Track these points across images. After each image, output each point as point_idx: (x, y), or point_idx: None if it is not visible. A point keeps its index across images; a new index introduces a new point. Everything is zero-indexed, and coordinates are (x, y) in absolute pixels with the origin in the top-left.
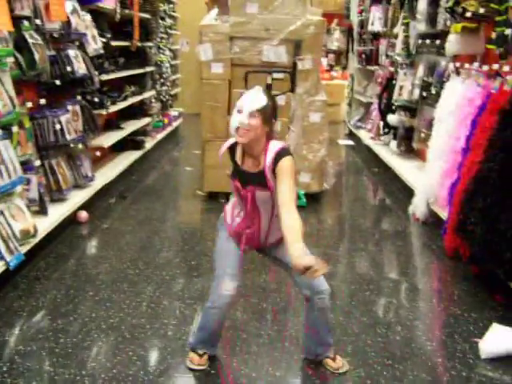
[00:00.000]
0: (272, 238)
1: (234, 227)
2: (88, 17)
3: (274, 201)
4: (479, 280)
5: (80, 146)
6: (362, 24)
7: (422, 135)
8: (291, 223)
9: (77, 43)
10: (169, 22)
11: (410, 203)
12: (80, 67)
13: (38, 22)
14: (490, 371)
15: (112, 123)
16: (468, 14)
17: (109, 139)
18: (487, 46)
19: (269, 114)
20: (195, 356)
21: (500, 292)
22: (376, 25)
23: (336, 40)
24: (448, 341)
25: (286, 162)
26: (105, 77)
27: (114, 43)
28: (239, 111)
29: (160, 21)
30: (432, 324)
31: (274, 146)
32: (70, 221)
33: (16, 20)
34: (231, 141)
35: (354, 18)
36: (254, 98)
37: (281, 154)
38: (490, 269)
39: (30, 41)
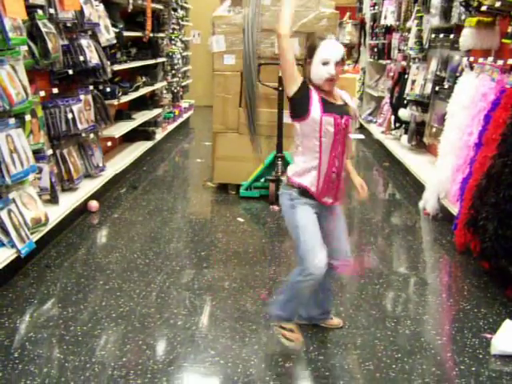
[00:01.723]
0: (342, 182)
1: (323, 175)
2: (101, 7)
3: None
4: (490, 275)
5: (92, 135)
6: (375, 18)
7: (434, 130)
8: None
9: (89, 33)
10: (181, 13)
11: (420, 198)
12: (92, 57)
13: (51, 11)
14: (500, 366)
15: (123, 113)
16: (484, 8)
17: (120, 129)
18: (502, 41)
19: (345, 59)
20: (289, 332)
21: (511, 287)
22: (389, 18)
23: (348, 33)
24: (457, 336)
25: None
26: (117, 67)
27: (126, 34)
28: (325, 63)
29: (172, 12)
30: (441, 319)
31: (341, 91)
32: (81, 210)
33: (30, 9)
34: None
35: (367, 12)
36: (337, 49)
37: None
38: (501, 264)
39: (44, 30)
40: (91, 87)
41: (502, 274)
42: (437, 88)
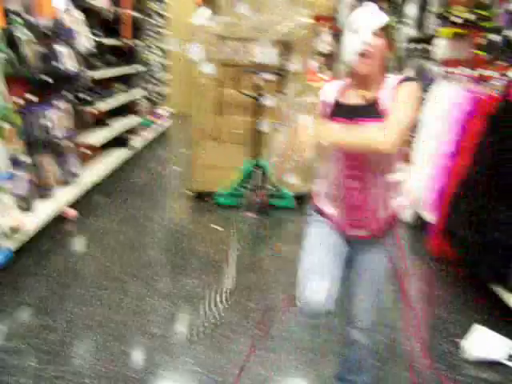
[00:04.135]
0: (380, 216)
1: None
2: (80, 14)
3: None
4: (465, 282)
5: (69, 143)
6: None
7: (408, 138)
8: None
9: (67, 40)
10: (158, 20)
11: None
12: (70, 64)
13: (29, 17)
14: (474, 371)
15: (101, 121)
16: (459, 20)
17: (98, 137)
18: (475, 52)
19: (391, 33)
20: None
21: (483, 294)
22: None
23: (326, 43)
24: (432, 342)
25: (406, 87)
26: (95, 74)
27: (105, 41)
28: (356, 31)
29: (151, 20)
30: (417, 325)
31: (394, 78)
32: (58, 218)
33: (7, 15)
34: (336, 82)
35: (344, 22)
36: (374, 14)
37: (405, 80)
38: (474, 271)
39: (21, 37)
40: (68, 94)
41: (476, 281)
42: None
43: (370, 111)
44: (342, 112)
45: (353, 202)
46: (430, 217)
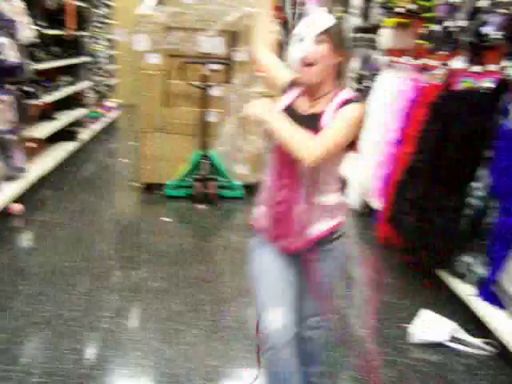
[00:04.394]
0: (311, 229)
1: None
2: (20, 3)
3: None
4: (410, 268)
5: (12, 136)
6: (300, 16)
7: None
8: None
9: (8, 31)
10: (104, 10)
11: (344, 194)
12: (11, 55)
13: None
14: (419, 354)
15: (46, 114)
16: (401, 10)
17: (43, 130)
18: (417, 41)
19: (340, 38)
20: None
21: (429, 279)
22: None
23: (274, 32)
24: (380, 327)
25: (350, 109)
26: (38, 66)
27: (47, 32)
28: (300, 40)
29: (95, 9)
30: (365, 311)
31: (348, 93)
32: (3, 213)
33: None
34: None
35: (289, 11)
36: (318, 19)
37: (350, 101)
38: (420, 257)
39: None
40: (10, 87)
41: (421, 267)
42: (357, 86)
43: (310, 123)
44: (287, 116)
45: (278, 213)
46: (377, 204)
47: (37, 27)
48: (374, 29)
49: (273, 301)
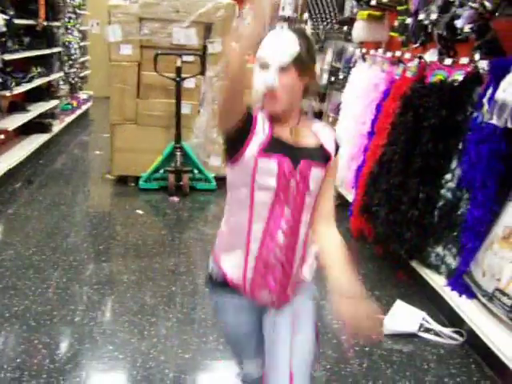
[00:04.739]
0: (301, 272)
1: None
2: None
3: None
4: (383, 260)
5: None
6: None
7: (330, 119)
8: (335, 242)
9: None
10: (77, 1)
11: None
12: None
13: None
14: (391, 344)
15: (18, 105)
16: (373, 3)
17: (14, 122)
18: (391, 34)
19: (308, 61)
20: None
21: (402, 270)
22: (287, 10)
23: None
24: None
25: (339, 160)
26: (8, 56)
27: (17, 21)
28: (263, 66)
29: (68, 0)
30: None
31: (327, 130)
32: None
33: None
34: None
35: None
36: (283, 43)
37: (339, 144)
38: (392, 248)
39: None
40: None
41: (394, 258)
42: (332, 78)
43: (315, 155)
44: (277, 149)
45: (270, 253)
46: (350, 196)
47: (6, 16)
48: (349, 22)
49: (248, 353)
